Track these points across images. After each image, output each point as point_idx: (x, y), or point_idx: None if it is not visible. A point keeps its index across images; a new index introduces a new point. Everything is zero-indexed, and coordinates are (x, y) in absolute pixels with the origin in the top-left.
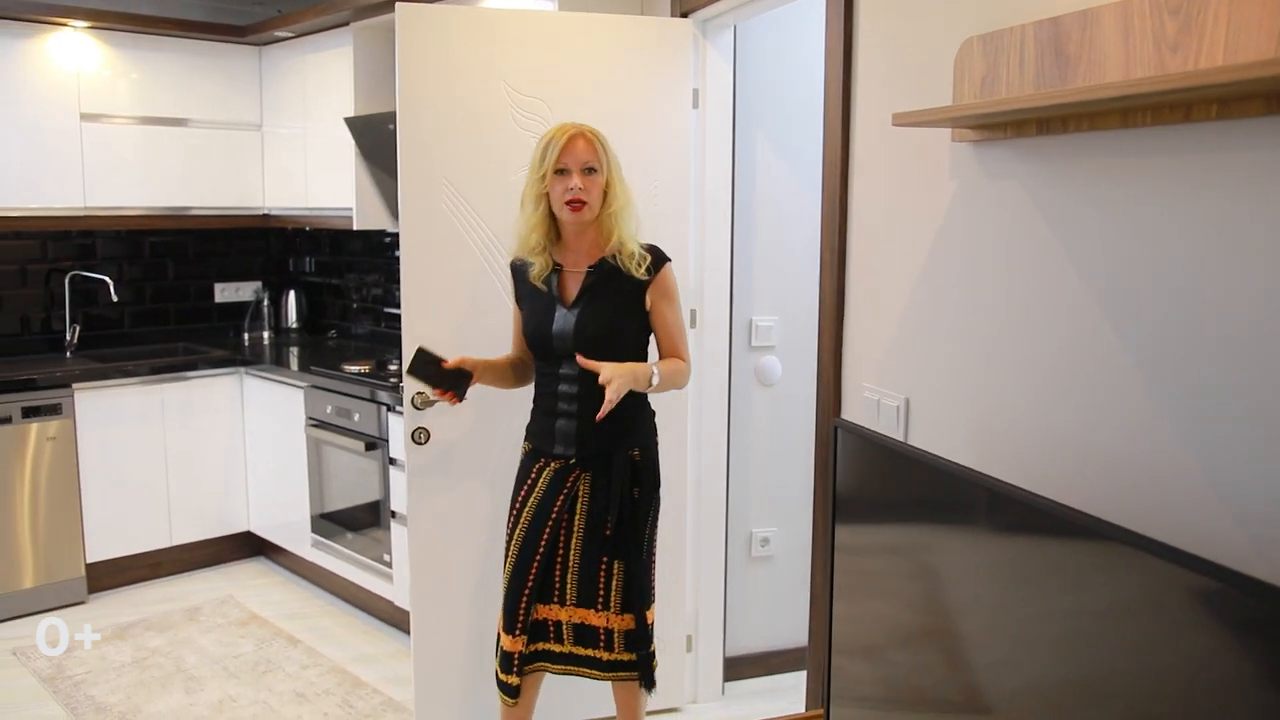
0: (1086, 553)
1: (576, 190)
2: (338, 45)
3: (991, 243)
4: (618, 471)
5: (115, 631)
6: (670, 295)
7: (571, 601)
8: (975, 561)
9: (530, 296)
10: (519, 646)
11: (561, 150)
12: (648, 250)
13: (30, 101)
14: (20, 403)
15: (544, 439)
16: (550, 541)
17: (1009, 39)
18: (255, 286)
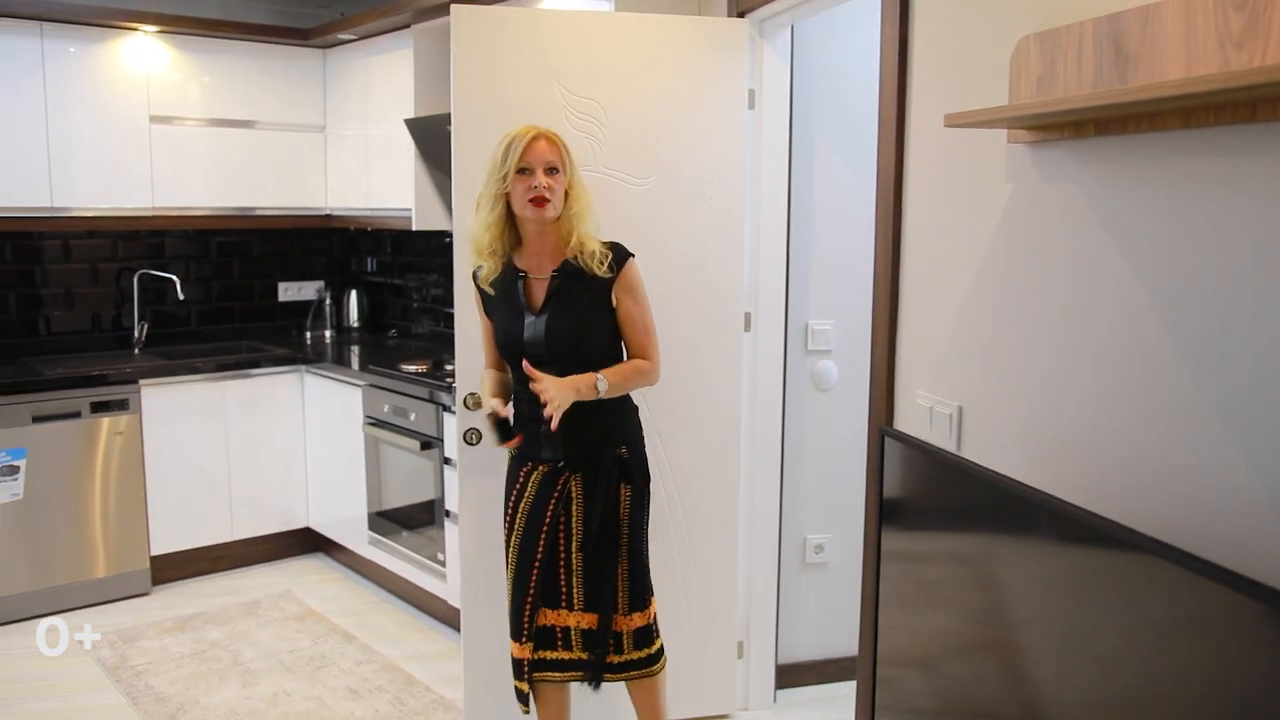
0: (1140, 569)
1: (541, 188)
2: (398, 47)
3: (1048, 247)
4: (605, 473)
5: (176, 623)
6: (635, 291)
7: (579, 606)
8: (1025, 574)
9: (499, 307)
10: (525, 653)
11: (525, 149)
12: (609, 247)
13: (103, 104)
14: (90, 398)
15: (530, 444)
16: (549, 545)
17: (1066, 37)
18: (318, 286)
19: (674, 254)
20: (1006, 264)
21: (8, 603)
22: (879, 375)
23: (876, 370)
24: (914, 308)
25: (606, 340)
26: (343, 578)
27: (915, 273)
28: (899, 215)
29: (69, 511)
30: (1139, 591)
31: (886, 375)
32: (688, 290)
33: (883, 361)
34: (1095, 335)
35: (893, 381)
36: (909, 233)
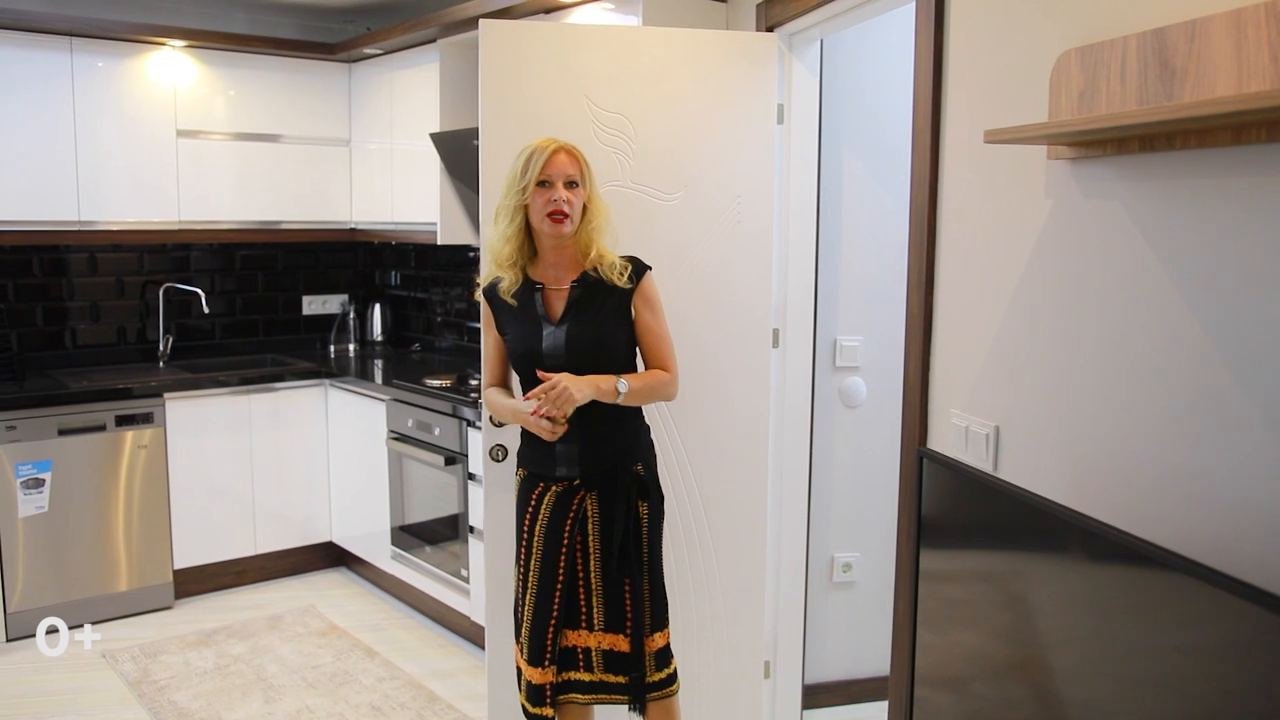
0: (1183, 594)
1: (560, 201)
2: (424, 62)
3: (1089, 265)
4: (623, 491)
5: (200, 637)
6: (654, 304)
7: (600, 626)
8: (1064, 597)
9: (514, 320)
10: (550, 677)
11: (545, 163)
12: (628, 260)
13: (130, 119)
14: (115, 411)
15: (543, 463)
16: (569, 566)
17: (1109, 52)
18: (342, 299)
19: (702, 269)
20: (1045, 281)
21: (31, 615)
22: (912, 394)
23: (909, 389)
24: (948, 326)
25: (626, 351)
26: (365, 592)
27: (949, 290)
28: (933, 232)
29: (93, 525)
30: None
31: (920, 394)
32: (715, 306)
33: (916, 380)
34: (1139, 354)
35: (926, 401)
36: (943, 249)
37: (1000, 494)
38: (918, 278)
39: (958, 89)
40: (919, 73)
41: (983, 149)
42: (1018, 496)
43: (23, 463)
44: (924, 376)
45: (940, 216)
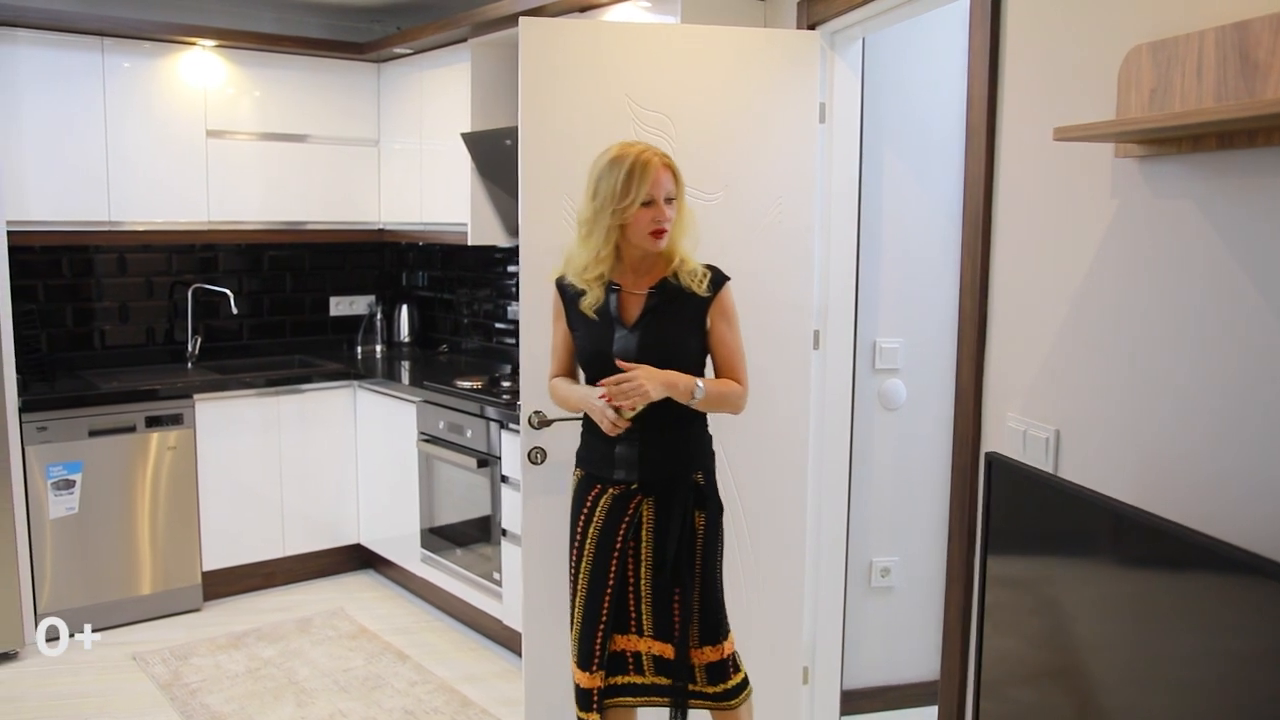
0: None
1: (664, 221)
2: (454, 62)
3: (1159, 265)
4: (681, 498)
5: (230, 640)
6: (729, 316)
7: (649, 633)
8: (1144, 605)
9: (584, 320)
10: (597, 683)
11: (652, 182)
12: (708, 269)
13: (161, 119)
14: (145, 412)
15: (601, 464)
16: (619, 571)
17: (1184, 47)
18: (369, 300)
19: (743, 270)
20: (1112, 282)
21: (61, 617)
22: (965, 398)
23: (963, 393)
24: (1004, 328)
25: (697, 361)
26: (394, 595)
27: (1006, 292)
28: (988, 233)
29: (122, 526)
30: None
31: (974, 397)
32: (756, 307)
33: (969, 383)
34: (1213, 356)
35: (980, 404)
36: (998, 251)
37: (1075, 498)
38: (971, 280)
39: (1015, 87)
40: (973, 70)
41: (1043, 148)
42: (1096, 501)
43: (53, 464)
44: (978, 380)
45: (996, 217)
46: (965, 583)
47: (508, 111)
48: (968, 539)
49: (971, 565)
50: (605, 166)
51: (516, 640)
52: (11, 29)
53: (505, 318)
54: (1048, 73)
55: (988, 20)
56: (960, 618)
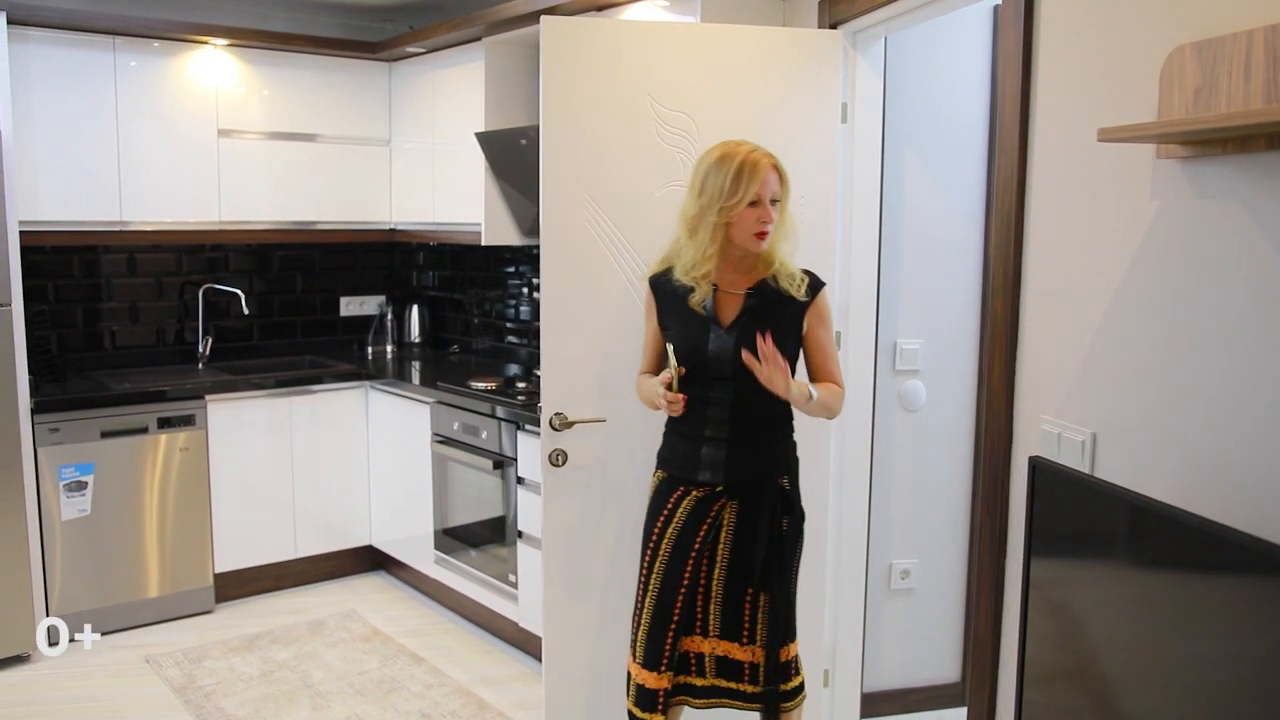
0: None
1: (767, 223)
2: (468, 61)
3: (1205, 267)
4: (767, 501)
5: (243, 643)
6: (826, 321)
7: (715, 633)
8: (1197, 610)
9: (681, 317)
10: (665, 684)
11: (761, 183)
12: (805, 273)
13: (172, 118)
14: (157, 413)
15: (686, 465)
16: (694, 572)
17: (1230, 47)
18: (379, 300)
19: None
20: (1154, 284)
21: (73, 620)
22: (997, 400)
23: (993, 395)
24: (1037, 331)
25: (792, 365)
26: (406, 597)
27: (1038, 294)
28: (1020, 233)
29: (134, 528)
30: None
31: (1005, 399)
32: None
33: (1001, 386)
34: (1259, 358)
35: (1012, 406)
36: (1031, 252)
37: (1122, 501)
38: (1003, 281)
39: (1048, 86)
40: (1005, 70)
41: (1078, 148)
42: (1147, 506)
43: (65, 465)
44: (1009, 382)
45: (1028, 218)
46: (996, 586)
47: (522, 111)
48: (999, 543)
49: (1002, 569)
50: (713, 164)
51: (532, 643)
52: (23, 28)
53: (516, 318)
54: (1082, 72)
55: (1020, 20)
56: (992, 622)
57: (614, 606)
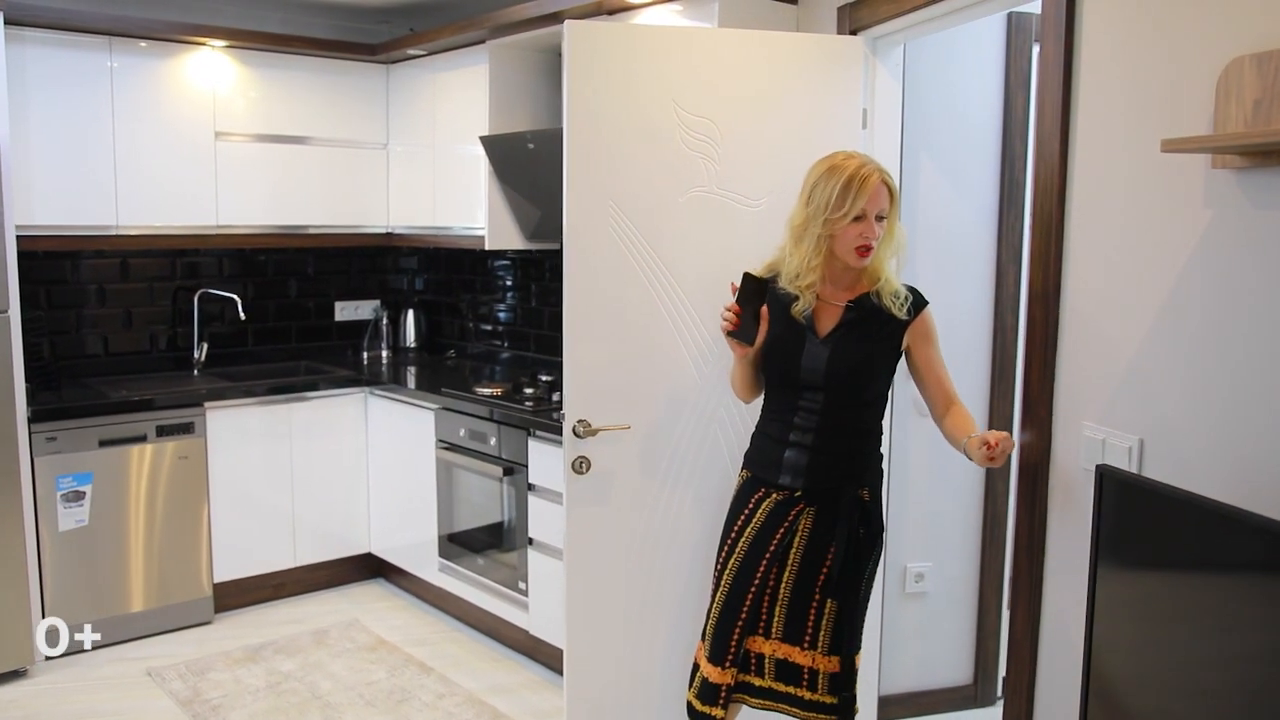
0: None
1: (871, 238)
2: (470, 64)
3: (1262, 276)
4: (846, 511)
5: (246, 654)
6: (932, 339)
7: (777, 636)
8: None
9: (776, 323)
10: (728, 679)
11: (869, 198)
12: (909, 291)
13: (169, 121)
14: (156, 421)
15: (768, 468)
16: (765, 574)
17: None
18: (374, 305)
19: None
20: (1208, 291)
21: (70, 632)
22: (1035, 407)
23: (1032, 402)
24: (1078, 338)
25: (884, 382)
26: (408, 605)
27: (1080, 302)
28: (1060, 242)
29: (132, 538)
30: None
31: (1044, 407)
32: None
33: (1040, 392)
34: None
35: (1051, 412)
36: (1072, 260)
37: (1193, 507)
38: (1042, 289)
39: (1092, 96)
40: (1045, 79)
41: (1124, 157)
42: (1234, 515)
43: (63, 475)
44: (1048, 389)
45: (1069, 227)
46: (1034, 591)
47: (527, 114)
48: (1038, 547)
49: (1041, 573)
50: (823, 174)
51: (542, 650)
52: (19, 28)
53: (513, 323)
54: (1127, 82)
55: (1062, 28)
56: (1030, 628)
57: (637, 614)
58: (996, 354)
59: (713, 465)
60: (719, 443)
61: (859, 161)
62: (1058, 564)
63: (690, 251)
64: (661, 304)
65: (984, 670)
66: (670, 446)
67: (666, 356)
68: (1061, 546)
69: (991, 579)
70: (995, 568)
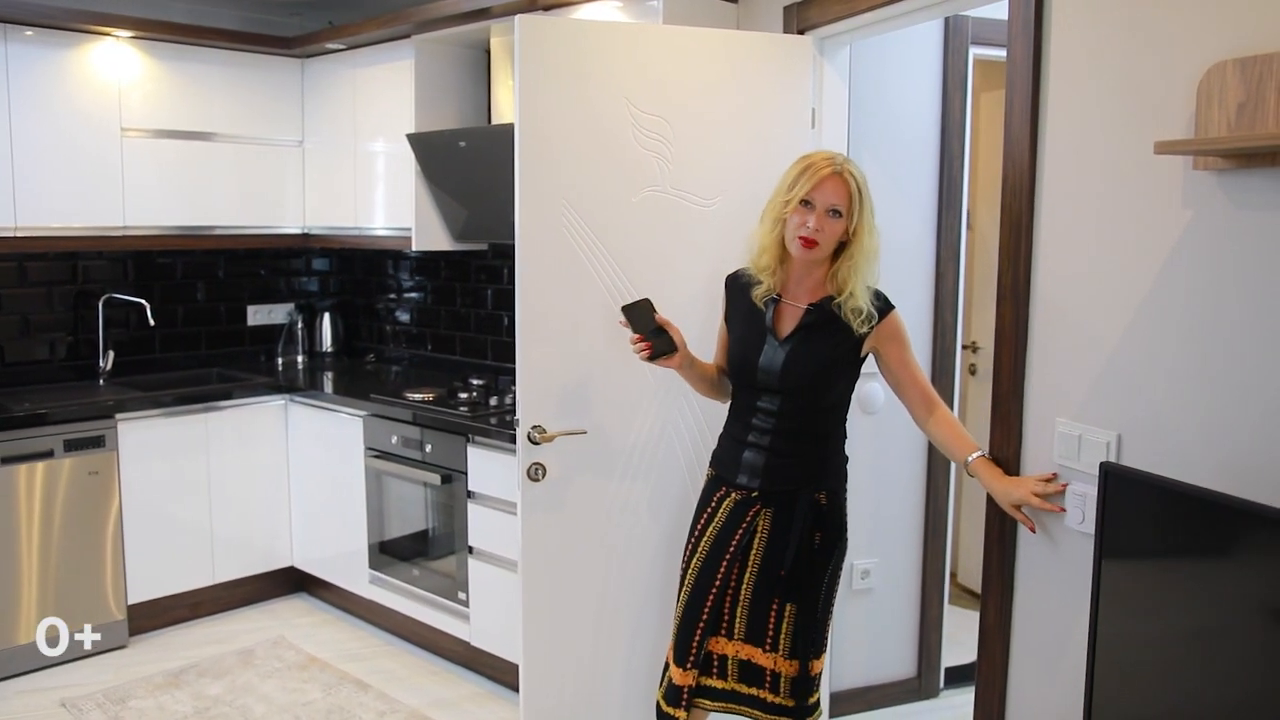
0: None
1: (810, 230)
2: (394, 59)
3: (1244, 276)
4: (800, 513)
5: (168, 678)
6: (904, 340)
7: (740, 636)
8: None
9: (742, 320)
10: (689, 680)
11: (815, 184)
12: (874, 303)
13: (70, 115)
14: (64, 435)
15: (729, 467)
16: (726, 574)
17: (1277, 65)
18: (289, 309)
19: None
20: (1188, 289)
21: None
22: (1005, 403)
23: (1002, 399)
24: (1051, 336)
25: (843, 387)
26: (336, 619)
27: (1052, 299)
28: (1030, 242)
29: (40, 560)
30: None
31: (1014, 403)
32: None
33: (1010, 389)
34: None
35: (1022, 409)
36: (1041, 260)
37: (1200, 501)
38: (1011, 288)
39: (1064, 98)
40: (1014, 79)
41: (1099, 158)
42: (1234, 506)
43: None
44: (1018, 386)
45: (1039, 226)
46: (1003, 585)
47: (454, 112)
48: (1009, 542)
49: (1013, 568)
50: (794, 163)
51: (483, 662)
52: None
53: (436, 325)
54: (1102, 84)
55: (1030, 30)
56: (1001, 622)
57: (595, 622)
58: (937, 351)
59: (669, 468)
60: (674, 446)
61: (825, 155)
62: (1028, 563)
63: (644, 252)
64: (616, 305)
65: (927, 663)
66: (626, 451)
67: (622, 359)
68: (1032, 543)
69: (934, 573)
70: (937, 563)
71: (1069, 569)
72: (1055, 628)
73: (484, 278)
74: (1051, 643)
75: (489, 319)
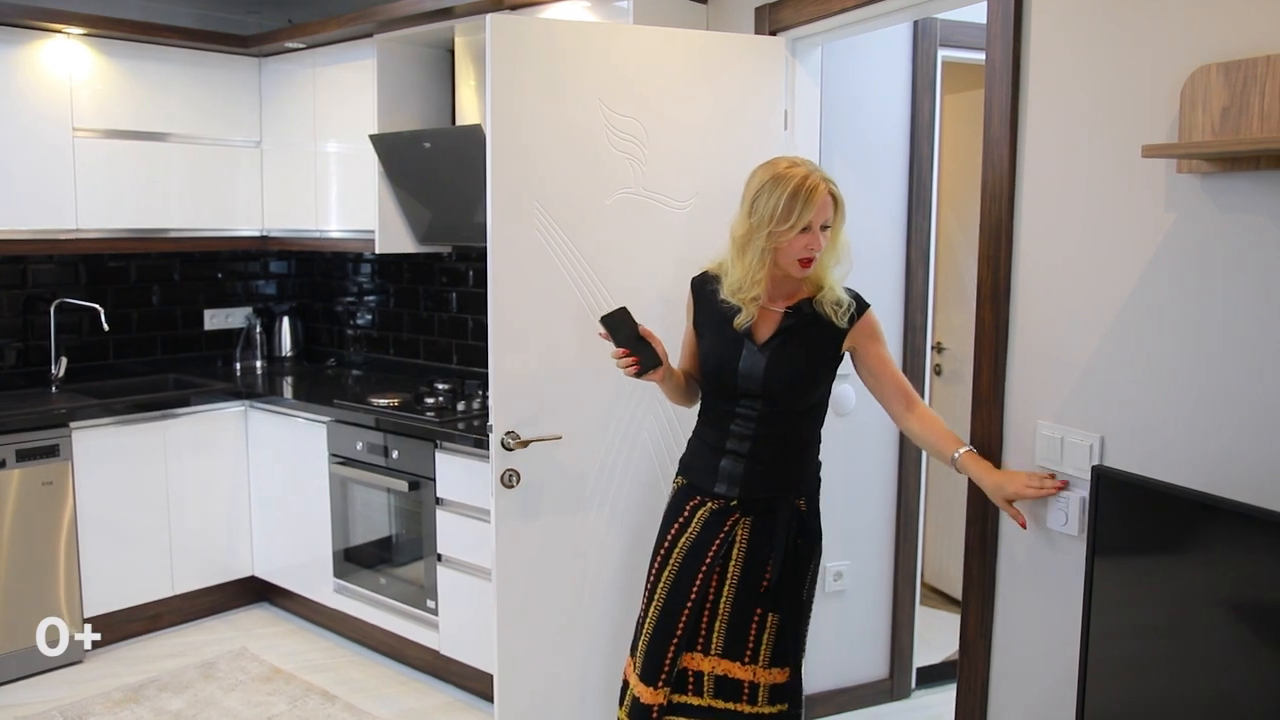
0: None
1: (814, 249)
2: (355, 59)
3: (1227, 278)
4: (783, 521)
5: (127, 694)
6: (881, 338)
7: (717, 652)
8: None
9: (715, 326)
10: (660, 699)
11: (817, 209)
12: (851, 298)
13: (20, 114)
14: (15, 444)
15: (704, 475)
16: (702, 588)
17: (1263, 68)
18: (246, 313)
19: None
20: (1171, 291)
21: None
22: (985, 405)
23: (982, 402)
24: (1032, 339)
25: (823, 390)
26: (298, 629)
27: (1032, 302)
28: (1009, 245)
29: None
30: None
31: (994, 406)
32: None
33: (989, 391)
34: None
35: (1002, 411)
36: (1021, 263)
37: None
38: (991, 290)
39: (1044, 102)
40: (994, 81)
41: (1081, 161)
42: (1236, 509)
43: None
44: (998, 389)
45: (1019, 229)
46: (984, 589)
47: (418, 112)
48: (991, 547)
49: (994, 572)
50: (767, 183)
51: (452, 670)
52: None
53: (398, 328)
54: (1083, 88)
55: (1010, 33)
56: (982, 627)
57: (571, 629)
58: (907, 351)
59: (641, 472)
60: (648, 450)
61: (804, 170)
62: (1010, 566)
63: (618, 254)
64: (590, 309)
65: (899, 664)
66: (600, 457)
67: (595, 364)
68: (1014, 546)
69: (905, 575)
70: (909, 564)
71: (1052, 572)
72: (1038, 630)
73: (447, 280)
74: (1035, 645)
75: (453, 322)
